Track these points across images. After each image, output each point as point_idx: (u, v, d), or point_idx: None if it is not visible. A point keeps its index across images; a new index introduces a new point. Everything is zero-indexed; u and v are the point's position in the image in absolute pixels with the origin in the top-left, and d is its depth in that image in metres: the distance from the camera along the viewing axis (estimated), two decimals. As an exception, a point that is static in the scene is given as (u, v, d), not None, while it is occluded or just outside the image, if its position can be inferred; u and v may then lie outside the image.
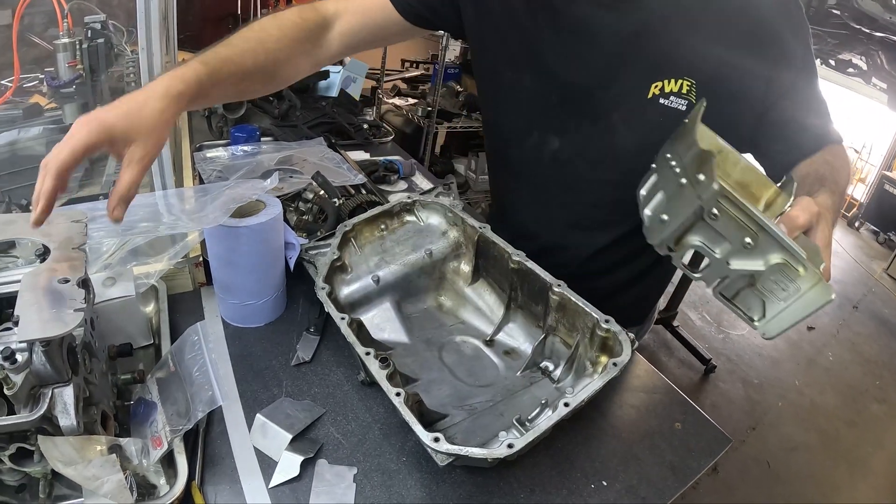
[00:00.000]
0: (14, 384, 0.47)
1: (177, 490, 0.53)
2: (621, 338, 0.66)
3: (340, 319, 0.69)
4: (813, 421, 2.60)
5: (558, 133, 0.88)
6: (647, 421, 0.77)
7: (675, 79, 0.77)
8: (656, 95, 0.78)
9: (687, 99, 0.77)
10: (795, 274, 0.49)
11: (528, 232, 0.99)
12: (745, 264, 0.51)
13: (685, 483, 0.69)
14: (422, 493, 0.60)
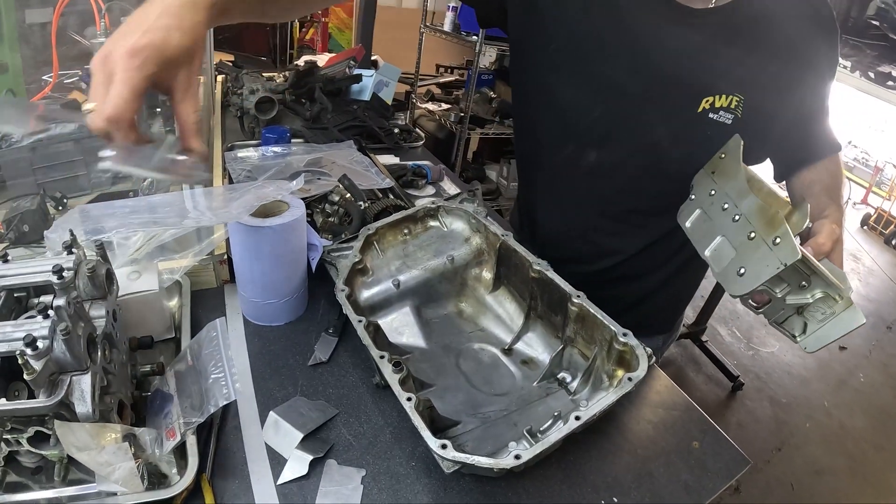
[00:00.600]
0: (34, 370, 0.48)
1: (186, 481, 0.54)
2: (638, 352, 0.64)
3: (357, 322, 0.69)
4: (840, 443, 2.51)
5: (597, 146, 0.88)
6: (665, 438, 0.75)
7: (726, 94, 0.79)
8: (706, 110, 0.80)
9: (734, 113, 0.80)
10: (834, 302, 0.60)
11: (556, 240, 1.01)
12: (797, 299, 0.62)
13: (699, 503, 0.67)
14: (428, 499, 0.60)
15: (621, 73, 0.82)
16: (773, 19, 0.78)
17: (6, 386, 0.54)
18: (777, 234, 0.58)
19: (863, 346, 3.26)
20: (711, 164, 0.76)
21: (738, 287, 0.62)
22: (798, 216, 0.69)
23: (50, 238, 0.71)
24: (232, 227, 0.74)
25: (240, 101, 1.34)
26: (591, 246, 0.99)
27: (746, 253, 0.62)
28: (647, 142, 0.84)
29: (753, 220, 0.64)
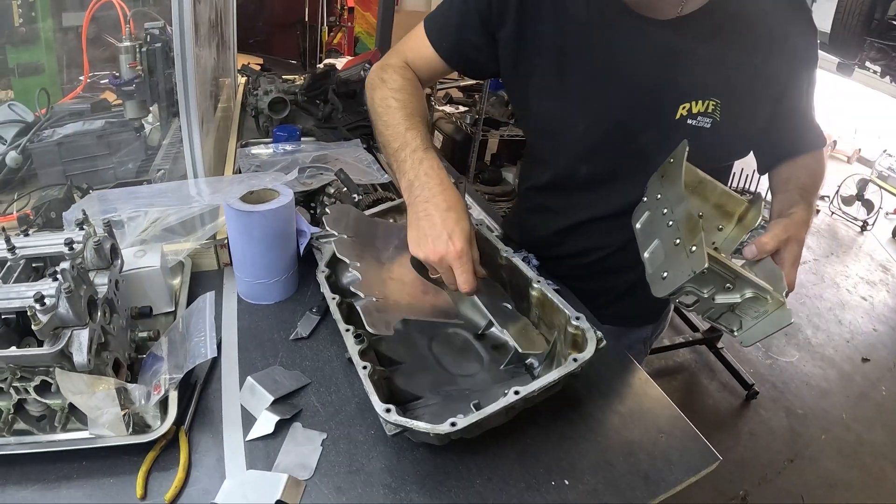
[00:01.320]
0: (41, 322, 0.57)
1: (163, 429, 0.61)
2: (588, 335, 0.67)
3: (331, 299, 0.75)
4: (857, 458, 2.43)
5: (586, 160, 0.92)
6: (630, 429, 0.76)
7: (703, 100, 0.81)
8: (684, 116, 0.82)
9: (712, 117, 0.82)
10: (764, 301, 0.64)
11: (545, 242, 1.05)
12: (727, 298, 0.65)
13: (656, 495, 0.68)
14: (381, 465, 0.65)
15: (599, 87, 0.85)
16: (744, 19, 0.79)
17: (20, 340, 0.63)
18: (693, 242, 0.62)
19: (887, 359, 3.14)
20: (662, 169, 0.79)
21: (659, 289, 0.67)
22: (752, 214, 0.72)
23: (67, 218, 0.81)
24: (227, 212, 0.82)
25: (255, 101, 1.43)
26: (579, 244, 1.03)
27: (671, 258, 0.67)
28: (632, 151, 0.87)
29: (681, 227, 0.67)
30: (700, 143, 0.80)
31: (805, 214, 0.77)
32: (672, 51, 0.80)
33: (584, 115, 0.87)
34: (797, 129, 0.89)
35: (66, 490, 0.59)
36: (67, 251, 0.67)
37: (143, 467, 0.60)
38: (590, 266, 1.02)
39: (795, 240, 0.72)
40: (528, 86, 0.90)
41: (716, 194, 0.74)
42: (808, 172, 0.87)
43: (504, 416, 0.64)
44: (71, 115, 1.14)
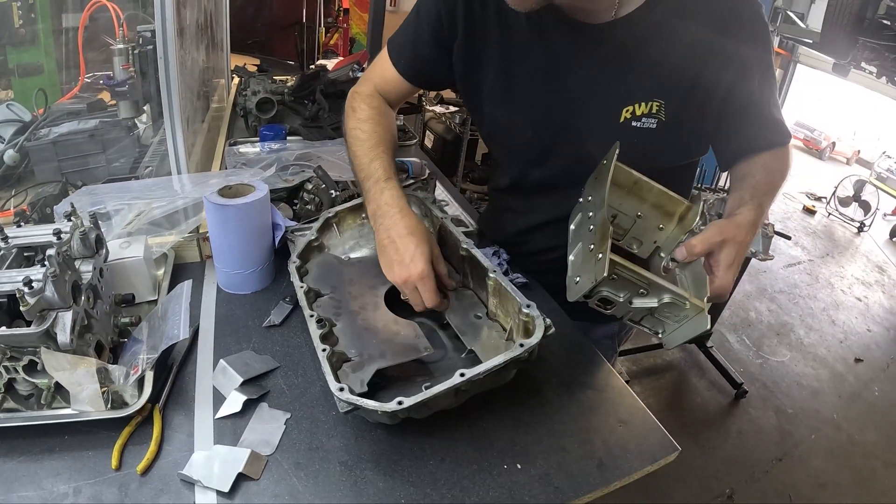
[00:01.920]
0: (28, 304, 0.62)
1: (139, 405, 0.66)
2: (538, 322, 0.71)
3: (299, 287, 0.80)
4: (848, 458, 2.44)
5: (536, 164, 0.96)
6: (588, 417, 0.78)
7: (646, 101, 0.82)
8: (628, 119, 0.83)
9: (657, 118, 0.83)
10: (682, 307, 0.66)
11: (511, 240, 1.10)
12: (643, 303, 0.68)
13: (609, 482, 0.69)
14: (339, 443, 0.69)
15: (542, 94, 0.87)
16: (683, 17, 0.78)
17: (10, 322, 0.68)
18: (601, 249, 0.64)
19: (881, 359, 3.15)
20: (596, 171, 0.80)
21: (571, 293, 0.70)
22: (692, 214, 0.75)
23: (58, 211, 0.86)
24: (207, 206, 0.87)
25: (243, 101, 1.49)
26: (542, 243, 1.07)
27: (585, 263, 0.69)
28: (580, 155, 0.88)
29: (596, 233, 0.69)
30: (647, 143, 0.83)
31: (751, 215, 0.76)
32: (611, 55, 0.81)
33: (531, 121, 0.90)
34: (753, 126, 0.87)
35: (48, 462, 0.64)
36: (55, 240, 0.72)
37: (119, 441, 0.65)
38: (555, 262, 1.05)
39: (732, 242, 0.71)
40: (480, 95, 0.94)
41: (653, 194, 0.75)
42: (765, 171, 0.85)
43: (453, 397, 0.68)
44: (67, 115, 1.19)
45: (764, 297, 3.60)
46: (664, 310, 0.67)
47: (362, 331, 0.78)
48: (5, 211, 1.06)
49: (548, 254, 1.06)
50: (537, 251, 1.07)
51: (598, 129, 0.85)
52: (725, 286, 0.70)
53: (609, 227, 0.65)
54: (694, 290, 0.68)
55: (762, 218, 0.80)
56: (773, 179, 0.85)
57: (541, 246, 1.06)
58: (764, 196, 0.81)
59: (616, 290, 0.67)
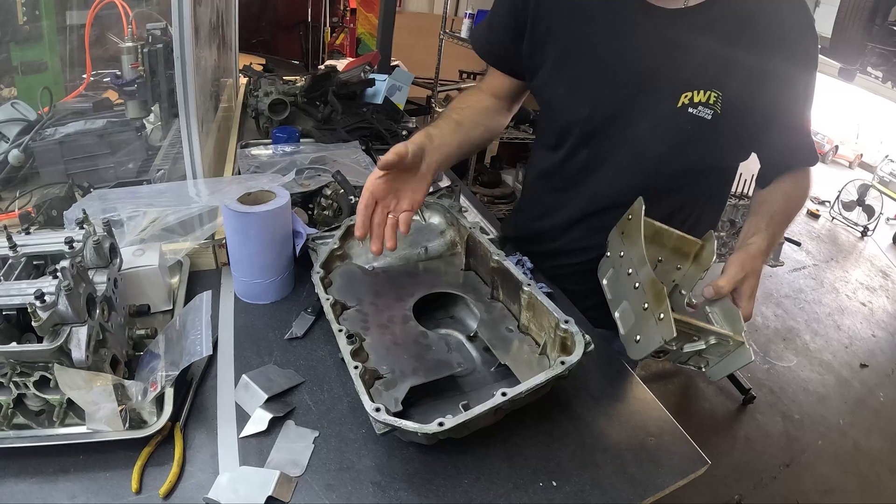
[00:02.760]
0: (41, 319, 0.58)
1: (159, 425, 0.62)
2: (577, 338, 0.68)
3: (325, 300, 0.76)
4: (853, 464, 2.44)
5: (586, 144, 0.95)
6: (618, 431, 0.77)
7: (704, 90, 0.83)
8: (685, 105, 0.84)
9: (713, 109, 0.84)
10: (726, 344, 0.70)
11: (544, 235, 1.09)
12: (693, 347, 0.71)
13: (642, 498, 0.68)
14: (370, 463, 0.66)
15: (604, 72, 0.88)
16: (746, 14, 0.81)
17: (20, 336, 0.64)
18: (661, 310, 0.66)
19: (886, 365, 3.15)
20: (621, 225, 0.82)
21: (635, 352, 0.72)
22: (707, 252, 0.78)
23: (68, 217, 0.82)
24: (225, 213, 0.83)
25: (255, 102, 1.45)
26: (576, 241, 1.05)
27: (641, 322, 0.70)
28: (629, 136, 0.90)
29: (647, 292, 0.71)
30: (700, 133, 0.84)
31: (764, 244, 0.82)
32: (676, 40, 0.82)
33: (590, 98, 0.90)
34: (790, 143, 0.90)
35: (63, 483, 0.60)
36: (67, 249, 0.68)
37: (139, 462, 0.62)
38: (582, 265, 1.04)
39: (752, 274, 0.77)
40: (542, 71, 0.95)
41: (672, 239, 0.78)
42: (785, 199, 0.90)
43: (492, 416, 0.65)
44: (73, 114, 1.15)
45: (770, 302, 3.58)
46: (709, 349, 0.70)
47: (392, 346, 0.74)
48: (9, 213, 1.02)
49: (577, 255, 1.05)
50: (568, 251, 1.05)
51: (655, 111, 0.86)
52: (748, 314, 0.77)
53: (662, 286, 0.67)
54: (729, 325, 0.73)
55: (773, 247, 0.86)
56: (790, 208, 0.90)
57: (573, 245, 1.05)
58: (778, 226, 0.87)
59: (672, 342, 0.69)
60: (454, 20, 3.22)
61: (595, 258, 1.04)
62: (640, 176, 0.93)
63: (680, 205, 1.00)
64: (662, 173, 0.92)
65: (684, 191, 0.98)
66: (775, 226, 0.86)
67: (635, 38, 0.84)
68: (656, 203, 0.93)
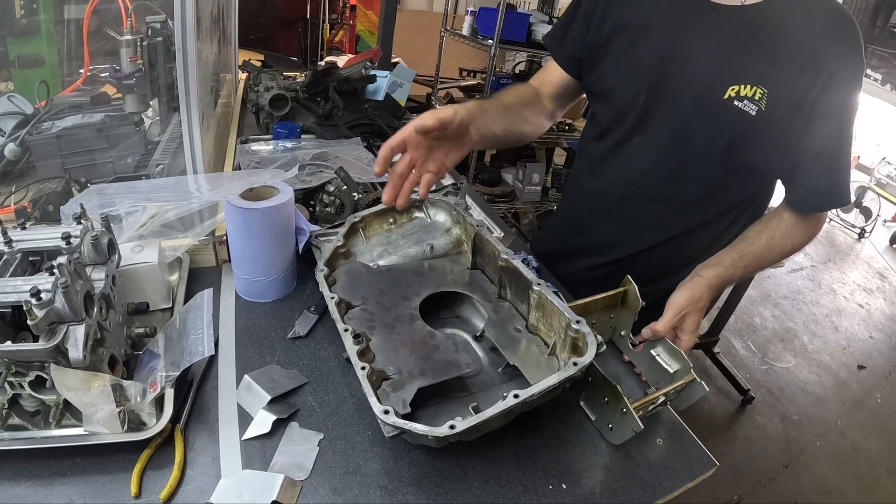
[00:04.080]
0: (36, 317, 0.56)
1: (158, 427, 0.60)
2: (589, 339, 0.67)
3: (330, 298, 0.74)
4: (852, 465, 2.44)
5: (638, 129, 0.96)
6: None
7: (751, 85, 0.84)
8: (731, 97, 0.85)
9: (758, 105, 0.84)
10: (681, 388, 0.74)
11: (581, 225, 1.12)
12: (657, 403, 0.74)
13: (652, 500, 0.68)
14: (377, 466, 0.64)
15: (660, 61, 0.89)
16: (795, 23, 0.82)
17: (15, 334, 0.62)
18: (620, 406, 0.69)
19: (883, 367, 3.15)
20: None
21: (613, 438, 0.73)
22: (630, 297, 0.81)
23: (65, 212, 0.80)
24: (226, 209, 0.81)
25: (255, 97, 1.43)
26: (610, 232, 1.06)
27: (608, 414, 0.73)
28: (676, 122, 0.91)
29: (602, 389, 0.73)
30: (743, 127, 0.85)
31: (717, 280, 0.86)
32: (731, 35, 0.85)
33: (645, 86, 0.92)
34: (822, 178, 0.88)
35: (59, 487, 0.58)
36: (64, 245, 0.66)
37: (138, 465, 0.60)
38: (612, 265, 1.06)
39: (694, 311, 0.83)
40: (602, 65, 0.97)
41: (598, 303, 0.81)
42: (767, 245, 0.91)
43: (503, 419, 0.63)
44: (70, 108, 1.13)
45: (768, 303, 3.58)
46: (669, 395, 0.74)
47: (399, 346, 0.72)
48: (5, 207, 1.00)
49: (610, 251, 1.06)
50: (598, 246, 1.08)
51: (702, 100, 0.88)
52: (689, 347, 0.84)
53: (615, 385, 0.69)
54: (677, 363, 0.77)
55: (727, 284, 0.92)
56: (767, 255, 0.91)
57: (604, 241, 1.07)
58: (742, 269, 0.89)
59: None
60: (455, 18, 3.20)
61: (625, 256, 1.05)
62: (679, 165, 0.94)
63: (713, 215, 0.99)
64: (698, 165, 0.92)
65: (719, 197, 0.97)
66: (741, 267, 0.88)
67: (691, 30, 0.87)
68: (689, 206, 0.97)
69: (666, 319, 0.81)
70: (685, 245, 1.02)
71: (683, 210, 0.98)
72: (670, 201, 0.98)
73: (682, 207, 0.98)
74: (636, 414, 0.66)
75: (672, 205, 0.98)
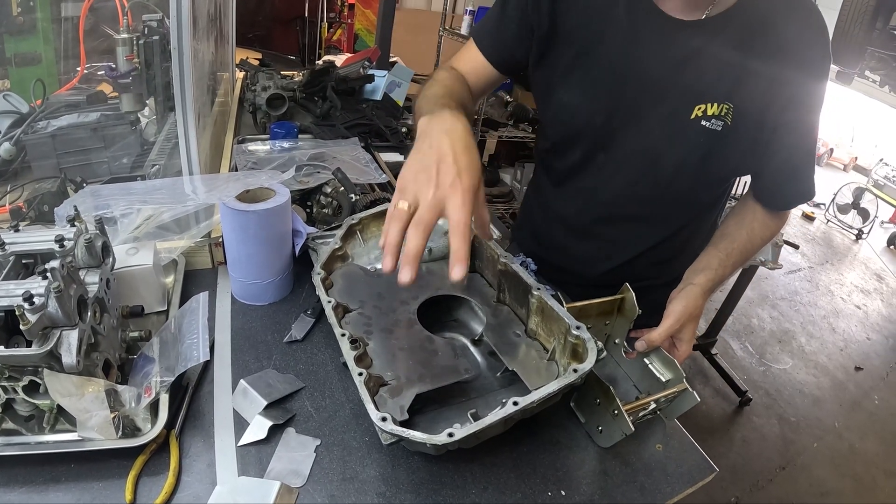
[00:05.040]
0: (29, 322, 0.55)
1: (154, 433, 0.60)
2: (589, 345, 0.66)
3: (327, 302, 0.74)
4: (849, 466, 2.45)
5: (601, 149, 0.94)
6: (627, 438, 0.73)
7: (717, 103, 0.83)
8: (698, 117, 0.84)
9: (724, 121, 0.84)
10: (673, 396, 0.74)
11: (556, 242, 1.08)
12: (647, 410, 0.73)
13: None
14: (375, 472, 0.64)
15: (620, 79, 0.86)
16: (763, 26, 0.80)
17: (7, 339, 0.61)
18: (612, 407, 0.68)
19: (880, 368, 3.16)
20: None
21: (602, 441, 0.73)
22: (627, 305, 0.80)
23: (59, 214, 0.79)
24: (222, 211, 0.80)
25: (253, 97, 1.42)
26: (587, 250, 1.04)
27: (598, 415, 0.73)
28: (644, 146, 0.89)
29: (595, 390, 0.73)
30: (711, 144, 0.84)
31: (709, 284, 0.86)
32: (693, 51, 0.81)
33: (605, 106, 0.89)
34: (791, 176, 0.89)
35: (53, 493, 0.58)
36: (58, 249, 0.65)
37: (133, 472, 0.59)
38: (599, 279, 1.04)
39: (691, 319, 0.83)
40: (553, 76, 0.92)
41: (593, 308, 0.81)
42: (748, 238, 0.91)
43: (502, 426, 0.63)
44: (66, 107, 1.11)
45: (766, 304, 3.59)
46: (660, 403, 0.74)
47: (397, 351, 0.72)
48: (0, 208, 0.99)
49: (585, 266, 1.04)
50: (573, 263, 1.05)
51: (669, 122, 0.86)
52: (687, 355, 0.85)
53: (608, 386, 0.69)
54: (670, 372, 0.76)
55: (720, 284, 0.90)
56: (749, 248, 0.91)
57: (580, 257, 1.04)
58: (731, 266, 0.89)
59: None
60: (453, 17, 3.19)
61: (612, 269, 1.03)
62: (650, 187, 0.93)
63: (686, 222, 1.00)
64: (670, 185, 0.91)
65: (693, 207, 0.98)
66: (728, 266, 0.88)
67: (652, 49, 0.83)
68: (664, 219, 0.96)
69: (663, 329, 0.80)
70: (665, 249, 1.02)
71: (661, 222, 0.99)
72: (648, 218, 0.98)
73: (660, 220, 0.98)
74: (629, 420, 0.66)
75: (649, 220, 0.99)
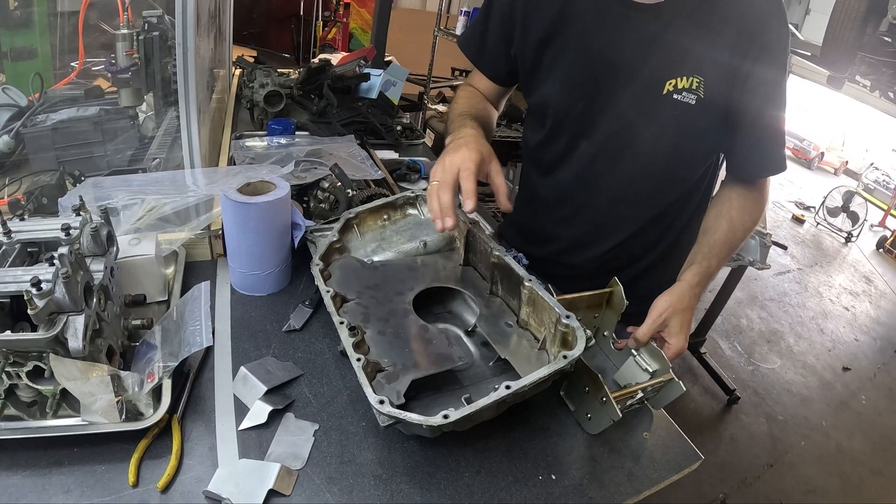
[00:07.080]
0: (37, 307, 0.57)
1: (157, 416, 0.61)
2: (578, 333, 0.69)
3: (325, 292, 0.76)
4: (836, 465, 2.49)
5: (584, 136, 0.97)
6: (615, 426, 0.75)
7: (687, 76, 0.86)
8: (670, 92, 0.87)
9: (696, 94, 0.87)
10: (660, 385, 0.77)
11: (542, 234, 1.11)
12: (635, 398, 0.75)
13: (639, 492, 0.70)
14: (372, 456, 0.66)
15: (595, 67, 0.90)
16: (719, 4, 0.83)
17: (14, 324, 0.63)
18: (600, 395, 0.71)
19: (868, 369, 3.21)
20: None
21: (590, 428, 0.75)
22: (616, 298, 0.82)
23: (63, 204, 0.81)
24: (223, 203, 0.82)
25: (250, 93, 1.43)
26: (574, 236, 1.07)
27: (586, 402, 0.75)
28: (621, 125, 0.92)
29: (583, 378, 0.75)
30: (686, 118, 0.88)
31: (696, 278, 0.88)
32: (658, 31, 0.86)
33: (583, 94, 0.92)
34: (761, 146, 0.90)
35: (56, 476, 0.59)
36: (64, 237, 0.67)
37: (136, 455, 0.60)
38: (588, 263, 1.07)
39: (679, 310, 0.84)
40: (534, 75, 0.97)
41: (584, 300, 0.83)
42: (729, 227, 0.92)
43: (494, 409, 0.65)
44: (64, 101, 1.12)
45: (755, 305, 3.64)
46: (647, 392, 0.76)
47: (393, 339, 0.74)
48: (-1, 200, 1.00)
49: (571, 255, 1.06)
50: (560, 253, 1.07)
51: (643, 100, 0.89)
52: (681, 348, 0.85)
53: (597, 375, 0.71)
54: (657, 364, 0.79)
55: (709, 279, 0.91)
56: (733, 237, 0.93)
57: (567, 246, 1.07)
58: (717, 257, 0.91)
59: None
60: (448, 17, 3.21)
61: (601, 254, 1.06)
62: (632, 164, 0.96)
63: (670, 202, 1.02)
64: (651, 161, 0.94)
65: (675, 186, 1.00)
66: (713, 257, 0.90)
67: (620, 34, 0.87)
68: (647, 201, 0.99)
69: (646, 325, 0.82)
70: (651, 231, 1.04)
71: (644, 202, 1.01)
72: (632, 199, 1.01)
73: (643, 200, 1.00)
74: (616, 407, 0.68)
75: (634, 201, 1.01)
